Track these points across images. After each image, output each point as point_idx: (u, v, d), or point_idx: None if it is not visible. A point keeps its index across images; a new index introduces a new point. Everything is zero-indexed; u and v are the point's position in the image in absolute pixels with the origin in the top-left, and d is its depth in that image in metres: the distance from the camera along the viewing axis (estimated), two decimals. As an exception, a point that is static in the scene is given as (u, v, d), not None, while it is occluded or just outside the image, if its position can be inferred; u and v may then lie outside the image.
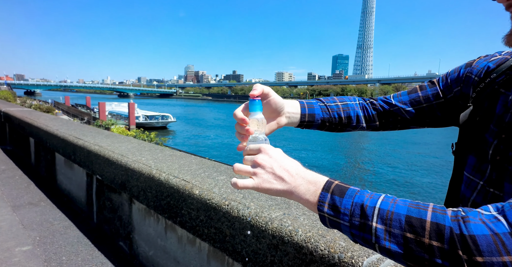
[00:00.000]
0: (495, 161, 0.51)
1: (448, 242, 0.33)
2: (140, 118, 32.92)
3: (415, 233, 0.36)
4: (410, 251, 0.36)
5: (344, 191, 0.45)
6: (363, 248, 0.96)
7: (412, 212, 0.38)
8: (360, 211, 0.41)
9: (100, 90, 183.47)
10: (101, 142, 2.79)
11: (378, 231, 0.39)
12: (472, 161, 0.56)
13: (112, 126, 17.66)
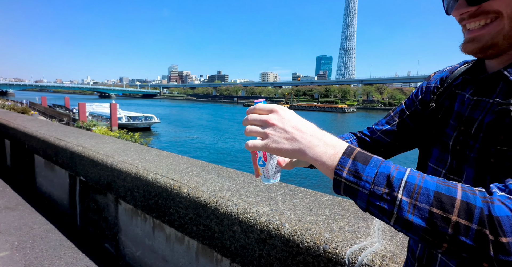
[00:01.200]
0: (455, 151, 0.58)
1: (478, 222, 0.35)
2: (122, 119, 32.08)
3: (443, 209, 0.36)
4: (433, 226, 0.36)
5: (368, 159, 0.43)
6: (345, 239, 1.02)
7: (441, 189, 0.38)
8: (386, 181, 0.40)
9: (79, 91, 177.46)
10: (84, 143, 2.73)
11: (402, 203, 0.38)
12: (435, 153, 0.63)
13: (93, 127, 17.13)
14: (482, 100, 0.55)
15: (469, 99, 0.58)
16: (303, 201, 1.36)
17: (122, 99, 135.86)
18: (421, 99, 0.73)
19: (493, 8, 0.49)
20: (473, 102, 0.57)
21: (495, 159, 0.49)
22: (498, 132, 0.49)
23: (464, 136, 0.56)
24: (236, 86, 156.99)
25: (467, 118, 0.57)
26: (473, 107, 0.57)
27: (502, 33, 0.49)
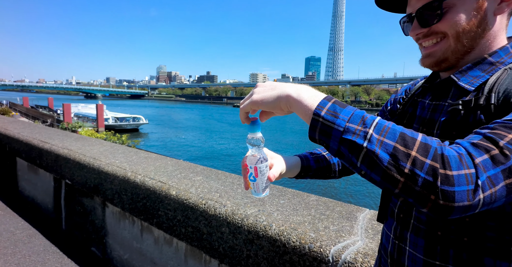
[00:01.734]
0: None
1: (432, 158, 0.41)
2: (109, 120, 31.43)
3: (406, 146, 0.42)
4: (395, 160, 0.42)
5: (345, 105, 0.49)
6: (330, 238, 1.06)
7: (406, 131, 0.44)
8: (360, 120, 0.46)
9: (64, 91, 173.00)
10: (70, 145, 2.69)
11: (372, 137, 0.44)
12: None
13: (79, 129, 16.71)
14: (440, 104, 0.63)
15: (429, 104, 0.66)
16: (290, 201, 1.39)
17: (109, 99, 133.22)
18: (390, 109, 0.81)
19: (440, 29, 0.58)
20: (432, 106, 0.65)
21: None
22: (451, 129, 0.56)
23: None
24: (225, 86, 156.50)
25: (428, 120, 0.64)
26: (433, 110, 0.64)
27: (450, 49, 0.59)
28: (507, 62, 0.57)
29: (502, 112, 0.50)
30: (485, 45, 0.59)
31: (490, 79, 0.55)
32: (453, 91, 0.60)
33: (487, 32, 0.58)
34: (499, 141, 0.42)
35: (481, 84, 0.57)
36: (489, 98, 0.52)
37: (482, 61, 0.58)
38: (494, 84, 0.53)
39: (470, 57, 0.60)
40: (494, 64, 0.57)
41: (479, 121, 0.52)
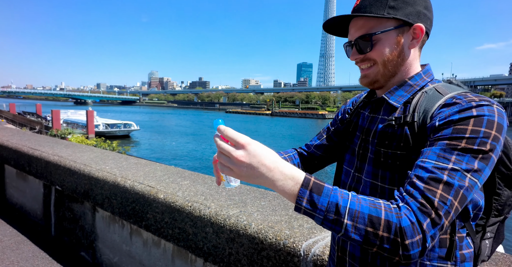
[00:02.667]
0: (359, 154, 0.79)
1: (394, 233, 0.54)
2: (100, 127, 31.03)
3: (374, 227, 0.54)
4: (367, 240, 0.55)
5: (321, 190, 0.57)
6: (303, 234, 1.16)
7: (372, 211, 0.55)
8: (335, 209, 0.56)
9: (52, 97, 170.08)
10: (60, 152, 2.74)
11: (347, 226, 0.55)
12: (348, 158, 0.83)
13: (69, 136, 16.47)
14: (375, 117, 0.78)
15: (368, 116, 0.81)
16: (270, 203, 1.50)
17: (100, 106, 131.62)
18: (340, 119, 0.96)
19: (371, 57, 0.73)
20: (370, 117, 0.80)
21: (383, 158, 0.71)
22: (384, 138, 0.71)
23: (365, 143, 0.78)
24: (217, 92, 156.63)
25: (366, 129, 0.79)
26: (370, 121, 0.79)
27: (379, 73, 0.74)
28: (421, 85, 0.73)
29: (422, 131, 0.65)
30: (405, 71, 0.75)
31: (413, 100, 0.71)
32: (385, 106, 0.76)
33: (405, 61, 0.74)
34: (434, 200, 0.55)
35: (405, 101, 0.72)
36: (413, 117, 0.67)
37: (404, 84, 0.74)
38: (416, 105, 0.69)
39: (395, 80, 0.76)
40: (412, 86, 0.74)
41: (406, 134, 0.67)
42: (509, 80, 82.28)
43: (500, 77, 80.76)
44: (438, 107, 0.64)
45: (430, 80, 0.74)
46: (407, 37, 0.72)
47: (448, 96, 0.66)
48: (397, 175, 0.68)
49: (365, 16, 0.70)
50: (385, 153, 0.70)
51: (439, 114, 0.63)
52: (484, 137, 0.57)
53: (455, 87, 0.71)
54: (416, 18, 0.70)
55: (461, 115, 0.59)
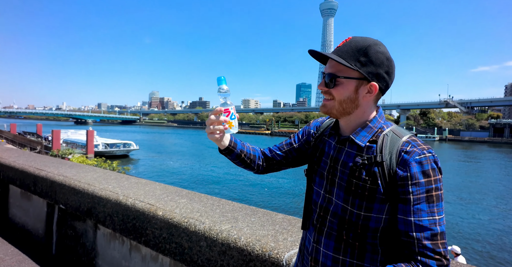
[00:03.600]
0: (328, 178, 0.95)
1: None
2: (99, 146, 31.18)
3: None
4: None
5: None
6: (286, 246, 1.31)
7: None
8: None
9: (53, 117, 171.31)
10: (65, 172, 2.89)
11: None
12: (317, 180, 0.98)
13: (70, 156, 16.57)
14: (342, 148, 0.94)
15: (334, 145, 0.97)
16: (260, 219, 1.64)
17: (100, 125, 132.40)
18: (305, 139, 1.12)
19: (332, 93, 0.91)
20: (337, 148, 0.96)
21: (354, 187, 0.87)
22: (355, 171, 0.88)
23: (333, 170, 0.94)
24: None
25: (335, 158, 0.95)
26: (338, 151, 0.95)
27: (334, 108, 0.92)
28: (379, 126, 0.91)
29: (390, 173, 0.82)
30: (361, 112, 0.92)
31: (378, 142, 0.88)
32: (350, 142, 0.93)
33: (359, 107, 0.91)
34: (441, 251, 0.77)
35: (368, 141, 0.89)
36: (382, 157, 0.84)
37: (365, 126, 0.92)
38: (381, 147, 0.86)
39: (351, 118, 0.93)
40: (372, 128, 0.91)
41: (374, 172, 0.84)
42: (505, 102, 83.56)
43: (495, 99, 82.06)
44: (400, 151, 0.83)
45: (383, 122, 0.93)
46: (363, 90, 0.89)
47: (404, 140, 0.85)
48: (365, 202, 0.84)
49: (336, 61, 0.87)
50: (357, 184, 0.86)
51: (405, 162, 0.81)
52: (440, 182, 0.80)
53: (405, 130, 0.90)
54: (374, 77, 0.88)
55: (424, 168, 0.79)
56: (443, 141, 68.83)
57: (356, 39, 0.90)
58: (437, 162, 0.81)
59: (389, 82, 0.92)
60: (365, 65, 0.86)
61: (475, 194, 19.23)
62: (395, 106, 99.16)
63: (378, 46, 0.88)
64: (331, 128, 1.02)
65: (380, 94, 0.92)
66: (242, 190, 18.48)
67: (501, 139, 63.37)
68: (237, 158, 1.09)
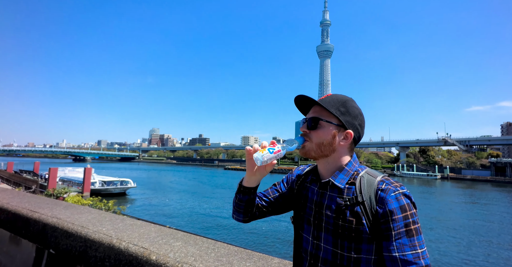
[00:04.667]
0: (314, 224, 0.96)
1: None
2: (96, 184, 30.60)
3: None
4: None
5: None
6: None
7: None
8: None
9: (52, 154, 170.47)
10: (59, 214, 2.84)
11: None
12: (305, 226, 1.00)
13: (65, 195, 16.16)
14: (324, 192, 1.00)
15: (317, 191, 1.03)
16: (255, 264, 1.59)
17: (99, 162, 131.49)
18: (290, 187, 1.17)
19: (311, 136, 1.01)
20: (320, 193, 1.01)
21: (341, 230, 0.90)
22: (340, 214, 0.92)
23: (319, 215, 0.98)
24: (217, 149, 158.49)
25: (318, 203, 1.00)
26: (321, 196, 1.00)
27: (312, 150, 1.00)
28: (354, 169, 0.99)
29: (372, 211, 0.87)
30: (337, 156, 1.01)
31: (356, 184, 0.94)
32: (331, 186, 0.99)
33: (335, 151, 1.00)
34: None
35: (346, 183, 0.96)
36: (362, 197, 0.90)
37: (342, 169, 0.99)
38: (360, 188, 0.92)
39: (329, 160, 1.01)
40: (348, 171, 0.99)
41: (357, 212, 0.89)
42: (503, 141, 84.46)
43: (493, 138, 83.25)
44: (377, 190, 0.90)
45: (358, 165, 1.01)
46: (340, 136, 0.99)
47: (379, 180, 0.92)
48: (353, 244, 0.88)
49: (323, 107, 0.99)
50: (343, 225, 0.90)
51: (383, 200, 0.87)
52: (416, 216, 0.86)
53: (377, 171, 0.98)
54: (350, 126, 0.99)
55: (400, 203, 0.86)
56: (445, 179, 67.88)
57: (336, 95, 1.03)
58: (411, 197, 0.88)
59: (361, 133, 1.02)
60: (343, 114, 0.98)
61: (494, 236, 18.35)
62: (394, 144, 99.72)
63: (354, 102, 1.02)
64: (312, 175, 1.09)
65: (353, 144, 1.01)
66: (238, 229, 17.73)
67: (504, 179, 62.52)
68: (247, 202, 1.08)
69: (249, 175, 1.03)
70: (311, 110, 1.04)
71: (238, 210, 1.11)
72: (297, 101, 1.06)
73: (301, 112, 1.11)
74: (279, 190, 1.17)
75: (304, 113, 1.10)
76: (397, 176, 73.55)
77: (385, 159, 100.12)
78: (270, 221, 19.72)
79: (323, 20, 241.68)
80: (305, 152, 1.02)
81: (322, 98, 1.02)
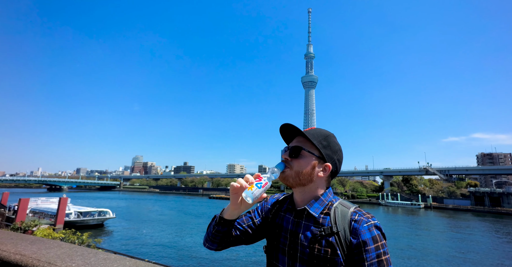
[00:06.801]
0: (289, 254, 0.93)
1: None
2: (71, 216, 28.61)
3: None
4: None
5: None
6: None
7: None
8: None
9: (24, 184, 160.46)
10: (24, 250, 2.60)
11: None
12: (280, 256, 0.97)
13: (35, 228, 14.90)
14: (300, 221, 0.99)
15: (293, 220, 1.01)
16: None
17: (76, 192, 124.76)
18: (264, 215, 1.14)
19: (292, 163, 1.03)
20: (295, 222, 1.00)
21: (316, 260, 0.88)
22: (314, 243, 0.90)
23: (294, 244, 0.95)
24: (202, 177, 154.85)
25: (293, 232, 0.98)
26: (296, 225, 0.99)
27: (291, 177, 1.01)
28: (329, 200, 1.01)
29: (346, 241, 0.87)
30: (315, 186, 1.02)
31: (331, 214, 0.94)
32: (306, 215, 0.99)
33: (313, 181, 1.02)
34: None
35: (320, 212, 0.96)
36: (337, 228, 0.91)
37: (318, 198, 1.01)
38: (335, 218, 0.93)
39: (306, 190, 1.01)
40: (323, 201, 1.00)
41: (331, 242, 0.89)
42: (479, 171, 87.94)
43: (470, 168, 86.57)
44: (351, 221, 0.91)
45: (332, 196, 1.03)
46: (320, 167, 1.02)
47: (352, 211, 0.94)
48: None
49: (306, 138, 1.02)
50: (318, 255, 0.88)
51: (356, 230, 0.88)
52: (386, 247, 0.86)
53: (350, 203, 1.00)
54: (330, 160, 1.03)
55: (372, 234, 0.87)
56: (428, 208, 68.51)
57: (320, 129, 1.06)
58: (381, 228, 0.89)
59: (338, 168, 1.05)
60: (325, 148, 1.01)
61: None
62: (378, 172, 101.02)
63: (335, 138, 1.06)
64: (288, 203, 1.08)
65: (330, 177, 1.03)
66: (218, 259, 16.77)
67: (484, 208, 63.92)
68: (224, 233, 1.04)
69: (233, 209, 1.00)
70: (295, 140, 1.06)
71: (213, 240, 1.06)
72: (283, 129, 1.08)
73: (284, 140, 1.12)
74: (253, 218, 1.14)
75: (287, 142, 1.11)
76: (382, 205, 73.52)
77: (370, 188, 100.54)
78: (247, 248, 18.84)
79: (307, 53, 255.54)
80: (284, 178, 1.03)
81: (307, 130, 1.05)
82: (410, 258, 19.85)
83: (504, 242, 27.95)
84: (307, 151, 1.00)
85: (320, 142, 1.00)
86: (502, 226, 40.68)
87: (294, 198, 1.06)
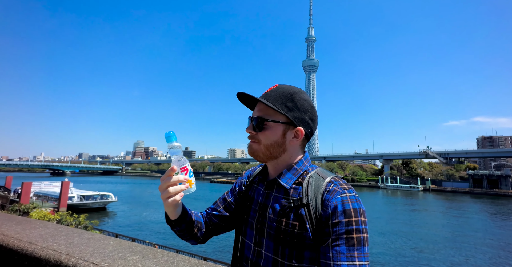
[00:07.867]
0: (257, 228, 0.84)
1: None
2: (74, 199, 29.08)
3: None
4: None
5: None
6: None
7: None
8: None
9: (28, 168, 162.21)
10: (8, 230, 2.53)
11: None
12: (247, 231, 0.86)
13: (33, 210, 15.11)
14: (270, 193, 0.87)
15: (263, 192, 0.89)
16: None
17: (79, 176, 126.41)
18: (238, 190, 1.03)
19: (258, 137, 0.88)
20: (265, 194, 0.88)
21: (283, 235, 0.77)
22: (283, 216, 0.79)
23: (262, 218, 0.84)
24: (203, 162, 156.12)
25: (263, 205, 0.87)
26: (266, 197, 0.87)
27: (260, 151, 0.88)
28: (304, 169, 0.88)
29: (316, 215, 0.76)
30: (288, 156, 0.89)
31: (304, 184, 0.82)
32: (277, 185, 0.87)
33: (286, 151, 0.88)
34: None
35: (293, 183, 0.84)
36: (307, 199, 0.78)
37: (291, 168, 0.88)
38: (307, 189, 0.81)
39: (279, 161, 0.89)
40: (297, 170, 0.87)
41: (301, 215, 0.78)
42: (478, 154, 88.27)
43: (470, 151, 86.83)
44: (324, 192, 0.78)
45: (309, 165, 0.90)
46: (290, 134, 0.87)
47: (327, 181, 0.81)
48: (295, 251, 0.75)
49: (266, 104, 0.85)
50: (285, 230, 0.78)
51: (327, 202, 0.75)
52: (363, 225, 0.73)
53: (329, 172, 0.87)
54: (300, 122, 0.87)
55: (345, 207, 0.74)
56: (427, 191, 69.40)
57: (282, 86, 0.90)
58: (359, 202, 0.76)
59: (313, 128, 0.90)
60: (291, 110, 0.86)
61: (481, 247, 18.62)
62: (378, 156, 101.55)
63: (303, 94, 0.90)
64: (259, 173, 0.97)
65: (306, 139, 0.90)
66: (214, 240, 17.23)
67: (481, 190, 64.67)
68: (186, 228, 0.92)
69: (170, 211, 0.89)
70: (256, 108, 0.91)
71: (186, 238, 0.97)
72: (240, 98, 0.92)
73: (247, 107, 0.96)
74: (227, 198, 1.02)
75: (251, 108, 0.95)
76: (381, 188, 74.44)
77: (370, 172, 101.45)
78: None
79: (308, 36, 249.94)
80: (253, 153, 0.90)
81: (267, 92, 0.89)
82: (406, 236, 20.31)
83: (498, 220, 28.54)
84: (271, 120, 0.85)
85: (284, 105, 0.85)
86: (495, 205, 41.55)
87: (268, 168, 0.95)
